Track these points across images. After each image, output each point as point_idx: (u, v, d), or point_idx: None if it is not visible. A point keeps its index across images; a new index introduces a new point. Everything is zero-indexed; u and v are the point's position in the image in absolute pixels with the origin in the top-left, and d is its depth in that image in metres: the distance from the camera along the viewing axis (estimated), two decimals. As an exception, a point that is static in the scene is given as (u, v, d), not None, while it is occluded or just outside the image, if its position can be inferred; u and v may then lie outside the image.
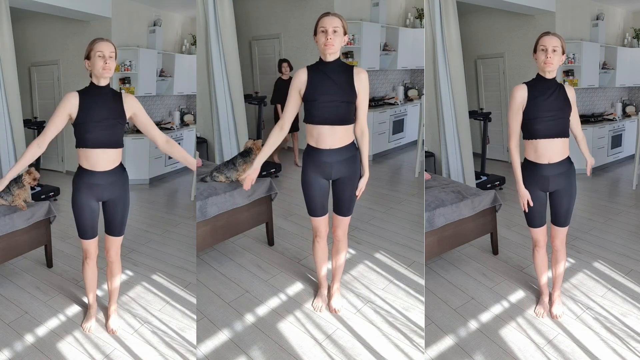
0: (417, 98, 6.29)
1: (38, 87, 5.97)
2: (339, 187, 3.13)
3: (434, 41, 4.84)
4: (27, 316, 3.40)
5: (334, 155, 3.03)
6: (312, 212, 3.19)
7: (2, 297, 3.57)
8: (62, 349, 3.15)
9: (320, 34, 2.92)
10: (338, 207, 3.20)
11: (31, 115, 5.87)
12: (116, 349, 3.18)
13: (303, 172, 3.12)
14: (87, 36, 5.42)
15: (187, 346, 3.23)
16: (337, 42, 2.92)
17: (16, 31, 4.99)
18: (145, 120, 3.12)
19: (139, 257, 4.09)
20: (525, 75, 3.21)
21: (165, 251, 4.20)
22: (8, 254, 3.71)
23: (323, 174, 3.08)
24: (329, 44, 2.90)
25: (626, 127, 6.31)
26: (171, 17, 6.07)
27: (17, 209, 3.79)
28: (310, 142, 3.07)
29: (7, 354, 3.09)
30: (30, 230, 3.83)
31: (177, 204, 5.55)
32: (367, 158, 3.11)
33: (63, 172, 5.82)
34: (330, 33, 2.90)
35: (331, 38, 2.90)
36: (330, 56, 2.95)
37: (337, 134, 3.00)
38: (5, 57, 4.81)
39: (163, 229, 4.59)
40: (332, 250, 3.35)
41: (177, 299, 3.61)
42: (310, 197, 3.14)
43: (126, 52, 5.69)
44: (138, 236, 4.36)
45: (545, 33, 3.04)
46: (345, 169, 3.08)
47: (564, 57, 3.02)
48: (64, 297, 3.57)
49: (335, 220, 3.25)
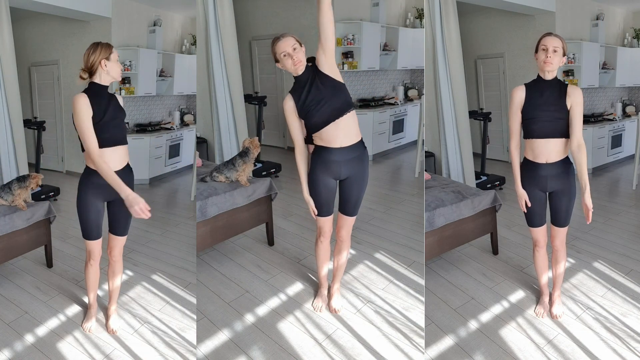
0: (417, 98, 6.29)
1: (38, 87, 5.95)
2: (347, 186, 3.14)
3: (434, 41, 4.84)
4: (27, 316, 3.40)
5: (343, 154, 3.04)
6: (318, 211, 3.20)
7: (2, 297, 3.58)
8: (62, 349, 3.15)
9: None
10: (344, 207, 3.20)
11: (31, 115, 5.84)
12: (116, 349, 3.18)
13: (311, 171, 3.12)
14: (87, 36, 5.46)
15: (187, 346, 3.23)
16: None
17: (16, 31, 4.99)
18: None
19: (139, 257, 4.09)
20: (525, 75, 3.21)
21: (165, 251, 4.19)
22: (8, 254, 3.71)
23: (332, 173, 3.09)
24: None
25: (626, 127, 6.30)
26: (171, 17, 6.07)
27: (17, 209, 3.79)
28: (319, 142, 3.08)
29: (7, 354, 3.09)
30: (30, 230, 3.83)
31: (177, 204, 5.54)
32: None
33: (63, 172, 5.80)
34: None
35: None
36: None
37: (342, 128, 3.01)
38: (5, 57, 4.81)
39: (163, 229, 4.59)
40: (335, 249, 3.35)
41: (177, 299, 3.61)
42: (317, 196, 3.15)
43: (126, 52, 5.68)
44: (138, 236, 4.36)
45: (547, 34, 3.04)
46: (353, 168, 3.08)
47: (564, 58, 3.02)
48: (64, 297, 3.57)
49: (340, 220, 3.25)
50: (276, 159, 5.52)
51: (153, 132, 5.90)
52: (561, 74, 6.01)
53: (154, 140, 5.85)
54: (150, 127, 5.94)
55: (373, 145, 5.93)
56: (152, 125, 5.98)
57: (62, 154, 5.81)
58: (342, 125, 3.01)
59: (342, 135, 3.02)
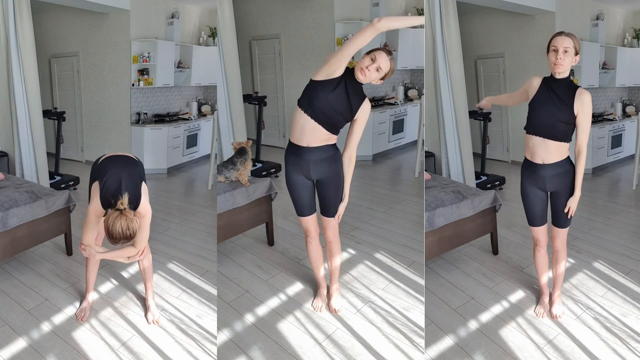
0: (417, 98, 6.29)
1: (58, 78, 6.09)
2: (322, 188, 3.14)
3: (434, 41, 4.84)
4: (48, 303, 3.42)
5: (312, 153, 3.04)
6: (298, 211, 3.22)
7: (23, 285, 3.61)
8: (81, 336, 3.17)
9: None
10: (324, 209, 3.21)
11: (51, 106, 5.99)
12: (135, 336, 3.18)
13: (285, 171, 3.14)
14: (106, 28, 5.60)
15: (203, 333, 3.25)
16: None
17: (36, 23, 5.09)
18: None
19: (157, 245, 4.10)
20: (525, 75, 3.22)
21: (182, 239, 4.23)
22: (29, 241, 3.76)
23: (304, 172, 3.09)
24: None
25: (626, 127, 6.31)
26: (189, 9, 6.17)
27: (39, 196, 3.79)
28: (292, 138, 3.08)
29: (27, 340, 3.10)
30: (50, 219, 3.87)
31: (195, 193, 5.61)
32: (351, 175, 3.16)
33: (82, 161, 5.94)
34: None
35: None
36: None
37: (319, 133, 3.01)
38: (26, 48, 4.90)
39: (181, 217, 4.62)
40: (326, 252, 3.36)
41: (193, 287, 3.64)
42: (294, 196, 3.17)
43: (144, 43, 5.79)
44: (156, 224, 4.36)
45: (559, 33, 2.99)
46: (325, 169, 3.08)
47: (577, 57, 2.97)
48: (83, 285, 3.58)
49: (323, 222, 3.26)
50: (276, 159, 5.53)
51: (171, 122, 6.06)
52: (566, 73, 5.99)
53: (172, 130, 6.00)
54: (169, 117, 6.10)
55: (373, 145, 5.93)
56: (170, 115, 6.15)
57: (82, 144, 5.95)
58: (319, 130, 3.01)
59: (313, 138, 3.02)
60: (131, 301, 3.48)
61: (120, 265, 3.83)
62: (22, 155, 4.95)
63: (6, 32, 4.80)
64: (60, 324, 3.25)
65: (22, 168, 4.94)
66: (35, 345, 3.07)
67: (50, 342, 3.10)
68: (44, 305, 3.40)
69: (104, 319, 3.31)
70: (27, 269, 3.79)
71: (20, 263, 3.85)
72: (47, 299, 3.46)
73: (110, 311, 3.38)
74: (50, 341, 3.11)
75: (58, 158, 5.37)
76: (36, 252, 4.00)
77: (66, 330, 3.19)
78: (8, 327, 3.19)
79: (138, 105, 5.93)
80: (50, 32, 6.01)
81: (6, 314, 3.30)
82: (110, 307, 3.42)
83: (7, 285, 3.59)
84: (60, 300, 3.45)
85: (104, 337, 3.17)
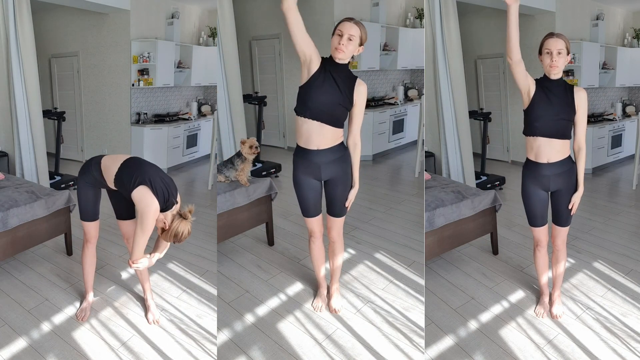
0: (417, 98, 6.29)
1: (58, 78, 6.09)
2: (331, 187, 3.14)
3: (434, 41, 4.84)
4: (47, 303, 3.42)
5: (322, 155, 3.03)
6: (304, 212, 3.20)
7: (23, 284, 3.61)
8: (81, 336, 3.17)
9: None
10: (331, 208, 3.21)
11: (51, 106, 6.00)
12: (134, 336, 3.18)
13: (293, 172, 3.13)
14: (106, 28, 5.61)
15: (203, 333, 3.23)
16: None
17: (36, 23, 5.09)
18: None
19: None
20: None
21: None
22: (29, 242, 3.76)
23: (314, 174, 3.09)
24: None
25: (626, 127, 6.31)
26: (189, 9, 6.18)
27: (39, 197, 3.79)
28: (300, 142, 3.07)
29: (27, 340, 3.10)
30: (50, 219, 3.87)
31: (195, 193, 5.61)
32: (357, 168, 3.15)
33: (82, 161, 5.92)
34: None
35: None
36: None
37: (326, 133, 3.00)
38: (25, 48, 4.90)
39: None
40: (329, 251, 3.35)
41: (193, 287, 3.64)
42: (301, 197, 3.16)
43: (144, 44, 5.80)
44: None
45: (550, 35, 3.04)
46: (335, 169, 3.08)
47: (569, 57, 3.04)
48: (81, 285, 3.57)
49: (328, 222, 3.25)
50: (276, 159, 5.53)
51: (171, 122, 6.07)
52: (560, 73, 5.99)
53: (172, 130, 6.02)
54: (168, 117, 6.11)
55: (373, 145, 5.93)
56: (170, 115, 6.16)
57: (82, 144, 5.95)
58: (327, 131, 3.00)
59: (323, 139, 3.01)
60: (131, 301, 3.48)
61: (120, 266, 3.83)
62: (22, 155, 4.95)
63: (6, 32, 4.80)
64: (60, 324, 3.25)
65: (22, 168, 4.95)
66: (35, 345, 3.07)
67: (50, 342, 3.10)
68: (44, 305, 3.40)
69: (104, 319, 3.31)
70: (27, 269, 3.79)
71: (20, 263, 3.85)
72: (47, 298, 3.46)
73: (110, 311, 3.38)
74: (50, 341, 3.11)
75: (58, 158, 5.37)
76: (36, 252, 4.00)
77: (66, 330, 3.19)
78: (8, 327, 3.19)
79: (138, 105, 5.93)
80: (50, 32, 6.01)
81: (6, 313, 3.30)
82: (111, 307, 3.42)
83: (7, 285, 3.59)
84: (60, 300, 3.45)
85: (104, 337, 3.17)
